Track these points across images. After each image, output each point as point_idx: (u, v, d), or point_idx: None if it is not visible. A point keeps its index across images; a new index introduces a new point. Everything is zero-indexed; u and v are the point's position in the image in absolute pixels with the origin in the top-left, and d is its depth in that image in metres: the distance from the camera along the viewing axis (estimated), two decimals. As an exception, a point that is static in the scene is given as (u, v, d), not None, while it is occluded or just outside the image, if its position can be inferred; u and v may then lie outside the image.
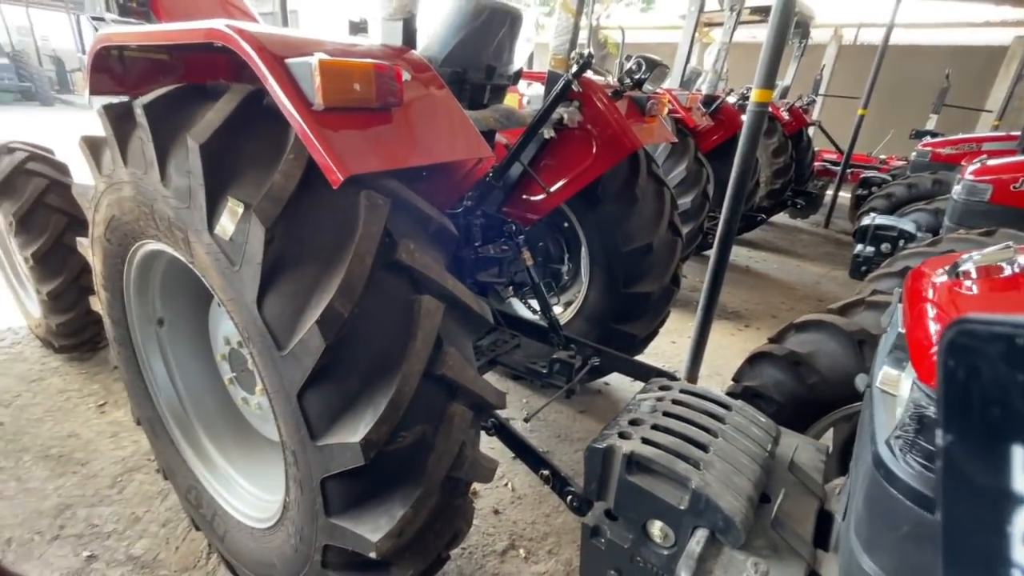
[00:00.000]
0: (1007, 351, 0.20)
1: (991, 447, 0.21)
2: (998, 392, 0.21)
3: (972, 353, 0.21)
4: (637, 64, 2.04)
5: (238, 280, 1.05)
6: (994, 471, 0.21)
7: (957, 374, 0.21)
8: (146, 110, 1.13)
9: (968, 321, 0.21)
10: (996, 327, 0.21)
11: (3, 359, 2.95)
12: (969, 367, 0.21)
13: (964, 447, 0.22)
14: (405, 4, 1.32)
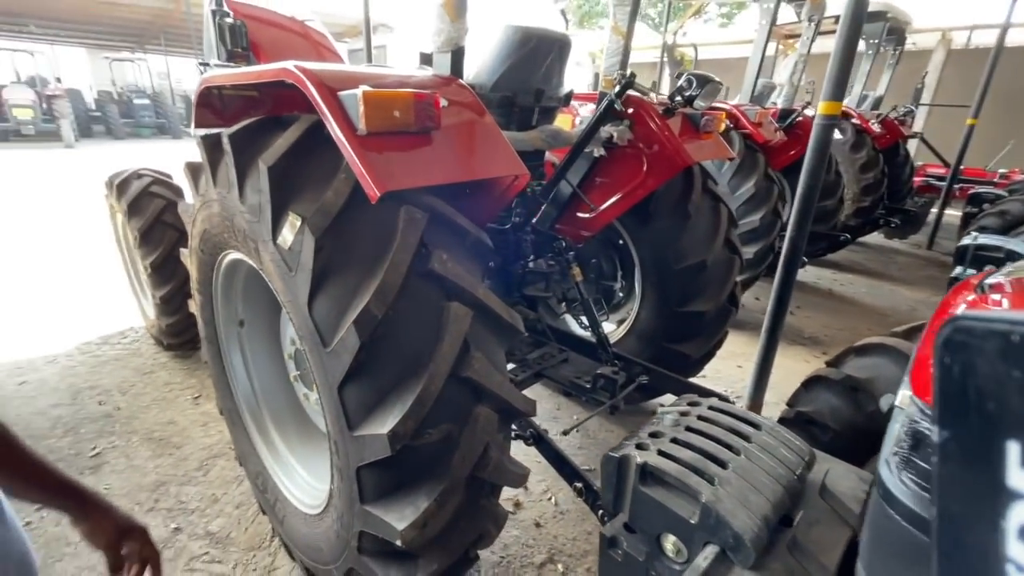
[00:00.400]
0: (1002, 348, 0.20)
1: (986, 443, 0.21)
2: (993, 388, 0.21)
3: (968, 350, 0.21)
4: (688, 81, 2.04)
5: (294, 284, 1.20)
6: (989, 466, 0.21)
7: (953, 371, 0.21)
8: (230, 139, 1.33)
9: (964, 319, 0.21)
10: (991, 324, 0.21)
11: (125, 353, 3.44)
12: (965, 364, 0.21)
13: (960, 443, 0.22)
14: (453, 38, 1.45)
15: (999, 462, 0.21)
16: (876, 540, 0.65)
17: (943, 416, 0.22)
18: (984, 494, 0.21)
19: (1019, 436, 0.20)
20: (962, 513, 0.22)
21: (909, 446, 0.59)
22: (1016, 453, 0.20)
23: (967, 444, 0.22)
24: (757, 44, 4.00)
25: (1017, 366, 0.20)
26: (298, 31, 3.48)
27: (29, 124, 13.69)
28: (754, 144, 3.83)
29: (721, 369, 3.61)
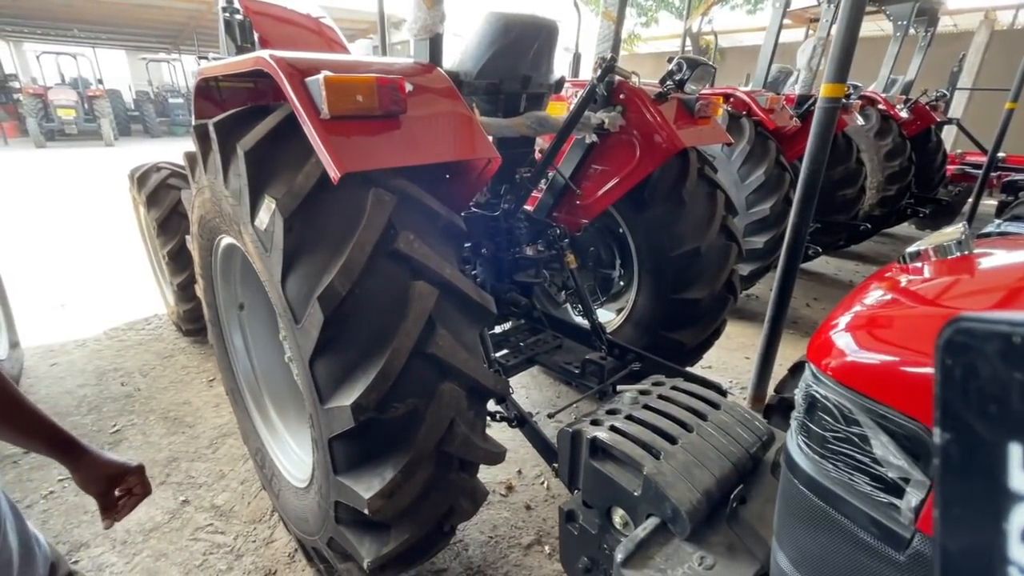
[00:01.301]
0: (1004, 349, 0.20)
1: (988, 445, 0.21)
2: (995, 390, 0.21)
3: (969, 352, 0.21)
4: (678, 65, 2.01)
5: (270, 263, 1.26)
6: (991, 469, 0.21)
7: (954, 373, 0.21)
8: (215, 127, 1.40)
9: (965, 320, 0.21)
10: (993, 325, 0.20)
11: (148, 338, 3.62)
12: (966, 366, 0.21)
13: (961, 445, 0.22)
14: (428, 26, 1.47)
15: (1001, 465, 0.21)
16: (783, 508, 0.66)
17: (944, 418, 0.22)
18: (986, 497, 0.21)
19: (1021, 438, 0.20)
20: (964, 516, 0.22)
21: (804, 411, 0.60)
22: (1018, 455, 0.20)
23: (969, 447, 0.22)
24: (770, 29, 3.89)
25: (1019, 368, 0.20)
26: (311, 27, 3.56)
27: (72, 123, 14.38)
28: (765, 131, 3.74)
29: (728, 360, 3.56)
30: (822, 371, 0.57)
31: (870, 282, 0.76)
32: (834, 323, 0.62)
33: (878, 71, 6.00)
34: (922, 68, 6.14)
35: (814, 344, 0.61)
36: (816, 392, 0.57)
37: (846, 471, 0.55)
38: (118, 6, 14.79)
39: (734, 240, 2.42)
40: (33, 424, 0.87)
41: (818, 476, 0.58)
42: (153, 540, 2.00)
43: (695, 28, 12.59)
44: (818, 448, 0.58)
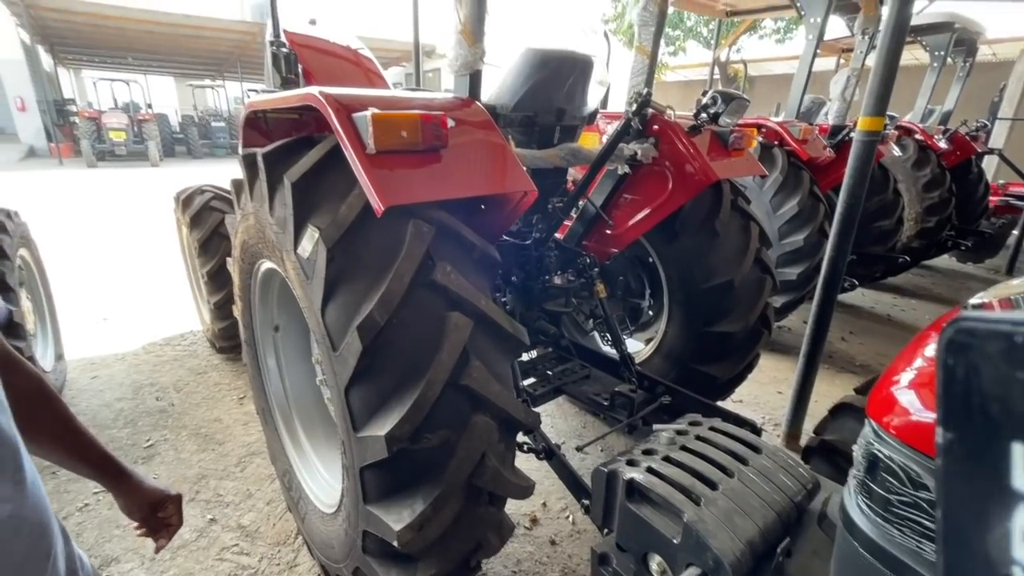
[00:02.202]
0: (1006, 349, 0.20)
1: (991, 445, 0.21)
2: (997, 390, 0.20)
3: (971, 351, 0.21)
4: (712, 99, 2.02)
5: (311, 291, 1.29)
6: (994, 469, 0.21)
7: (956, 372, 0.21)
8: (264, 158, 1.46)
9: (967, 319, 0.21)
10: (995, 325, 0.20)
11: (183, 354, 3.72)
12: (968, 365, 0.21)
13: (963, 445, 0.22)
14: (470, 62, 1.52)
15: (1004, 464, 0.21)
16: (839, 570, 0.62)
17: (947, 418, 0.22)
18: (989, 496, 0.21)
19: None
20: (967, 516, 0.22)
21: (864, 469, 0.57)
22: (1021, 455, 0.20)
23: (971, 446, 0.22)
24: (804, 60, 3.88)
25: (1021, 367, 0.20)
26: (350, 58, 3.71)
27: (122, 145, 15.19)
28: (799, 162, 3.69)
29: (760, 395, 3.45)
30: (885, 429, 0.55)
31: (930, 333, 0.73)
32: (895, 379, 0.60)
33: (913, 101, 5.90)
34: (961, 98, 6.01)
35: (874, 400, 0.59)
36: (879, 451, 0.55)
37: (913, 537, 0.52)
38: (171, 36, 15.76)
39: (769, 273, 2.38)
40: (86, 449, 0.89)
41: (881, 540, 0.56)
42: (180, 558, 2.02)
43: (723, 57, 12.66)
44: (881, 511, 0.56)
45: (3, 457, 0.66)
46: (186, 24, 14.77)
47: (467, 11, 1.47)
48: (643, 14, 2.07)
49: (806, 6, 3.79)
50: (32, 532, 0.69)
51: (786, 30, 14.33)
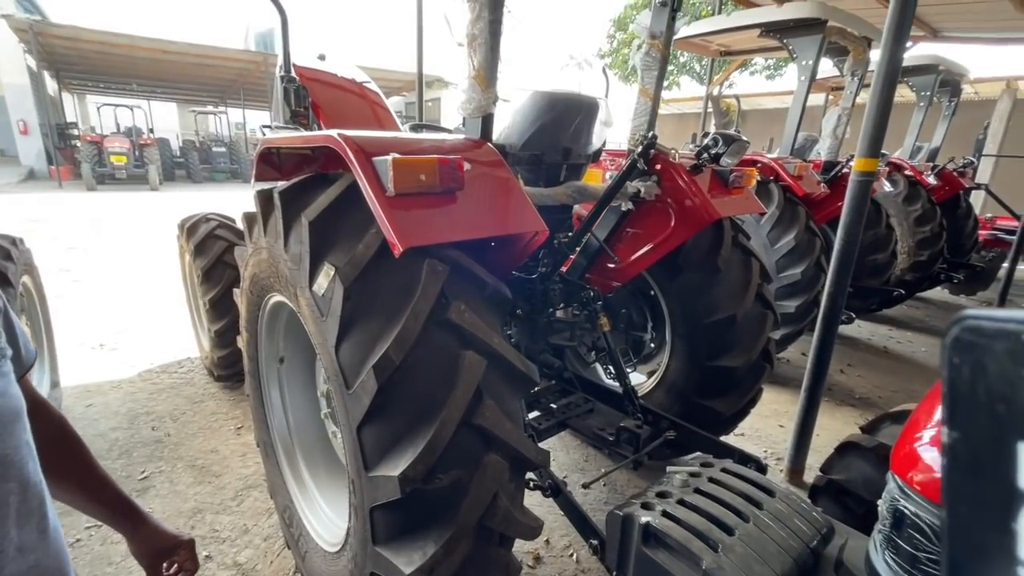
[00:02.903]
0: (1013, 347, 0.20)
1: (996, 444, 0.21)
2: (1004, 388, 0.20)
3: (977, 350, 0.21)
4: (714, 140, 2.09)
5: (325, 328, 1.30)
6: (999, 468, 0.21)
7: (962, 371, 0.21)
8: (280, 194, 1.49)
9: (973, 317, 0.21)
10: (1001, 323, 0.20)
11: (180, 382, 3.68)
12: (974, 364, 0.21)
13: (969, 444, 0.21)
14: (483, 106, 1.57)
15: (1009, 464, 0.20)
16: (867, 623, 0.63)
17: (952, 418, 0.22)
18: (994, 496, 0.21)
19: None
20: (972, 516, 0.22)
21: (890, 525, 0.58)
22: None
23: (976, 446, 0.21)
24: (796, 100, 4.02)
25: None
26: (356, 91, 3.80)
27: (122, 169, 15.30)
28: (794, 197, 3.78)
29: (761, 428, 3.44)
30: (909, 486, 0.56)
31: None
32: (917, 435, 0.62)
33: (902, 137, 6.08)
34: (947, 135, 6.21)
35: (898, 455, 0.61)
36: (904, 508, 0.56)
37: (941, 595, 0.53)
38: (177, 64, 16.09)
39: (770, 308, 2.41)
40: (104, 491, 0.89)
41: (908, 597, 0.56)
42: None
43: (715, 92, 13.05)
44: (908, 567, 0.57)
45: (31, 506, 0.65)
46: (192, 52, 15.10)
47: (481, 58, 1.53)
48: (646, 59, 2.15)
49: (798, 49, 3.95)
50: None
51: (776, 67, 14.82)
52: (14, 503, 0.62)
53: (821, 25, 3.77)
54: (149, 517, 0.94)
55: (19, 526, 0.62)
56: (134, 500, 0.93)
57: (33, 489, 0.66)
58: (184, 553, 0.96)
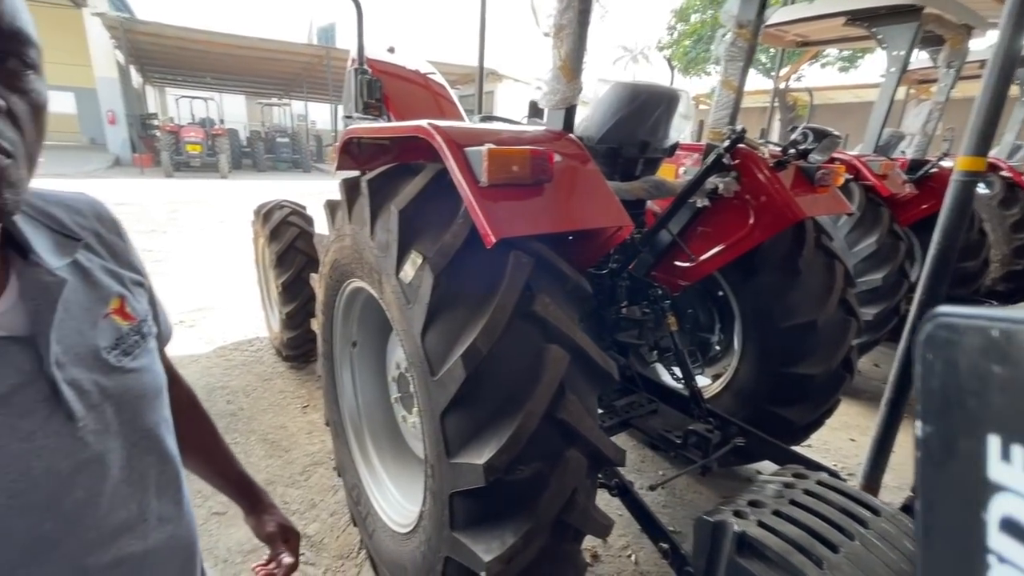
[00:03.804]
0: (983, 343, 0.21)
1: (968, 437, 0.22)
2: (974, 383, 0.21)
3: (949, 346, 0.21)
4: (803, 135, 1.98)
5: (410, 315, 1.33)
6: (970, 460, 0.21)
7: (935, 366, 0.22)
8: (368, 183, 1.53)
9: (945, 315, 0.22)
10: (972, 320, 0.21)
11: (250, 360, 3.89)
12: (946, 359, 0.22)
13: (941, 437, 0.23)
14: (568, 98, 1.55)
15: (980, 456, 0.21)
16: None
17: (925, 411, 0.22)
18: (966, 487, 0.21)
19: (999, 430, 0.20)
20: (945, 506, 0.22)
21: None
22: (996, 446, 0.20)
23: (949, 438, 0.22)
24: (884, 92, 3.75)
25: (997, 361, 0.20)
26: (420, 83, 3.87)
27: (196, 157, 16.30)
28: (877, 197, 3.54)
29: (830, 440, 3.27)
30: None
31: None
32: None
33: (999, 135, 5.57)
34: (1054, 134, 5.64)
35: None
36: None
37: None
38: (247, 58, 16.94)
39: (853, 315, 2.27)
40: (228, 465, 0.94)
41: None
42: (252, 561, 2.08)
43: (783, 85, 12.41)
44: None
45: (168, 477, 0.69)
46: (261, 47, 15.84)
47: (568, 48, 1.51)
48: (731, 49, 2.06)
49: (888, 38, 3.68)
50: (185, 551, 0.71)
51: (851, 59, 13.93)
52: (154, 475, 0.66)
53: (917, 12, 3.49)
54: (266, 497, 0.99)
55: (158, 497, 0.66)
56: (254, 479, 0.98)
57: (171, 463, 0.70)
58: (289, 544, 0.98)
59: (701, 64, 15.39)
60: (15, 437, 0.51)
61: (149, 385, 0.66)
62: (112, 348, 0.62)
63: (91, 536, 0.57)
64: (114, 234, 0.73)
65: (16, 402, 0.51)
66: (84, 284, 0.63)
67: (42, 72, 0.52)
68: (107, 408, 0.59)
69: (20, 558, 0.51)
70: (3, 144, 0.47)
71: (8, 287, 0.55)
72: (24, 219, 0.59)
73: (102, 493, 0.58)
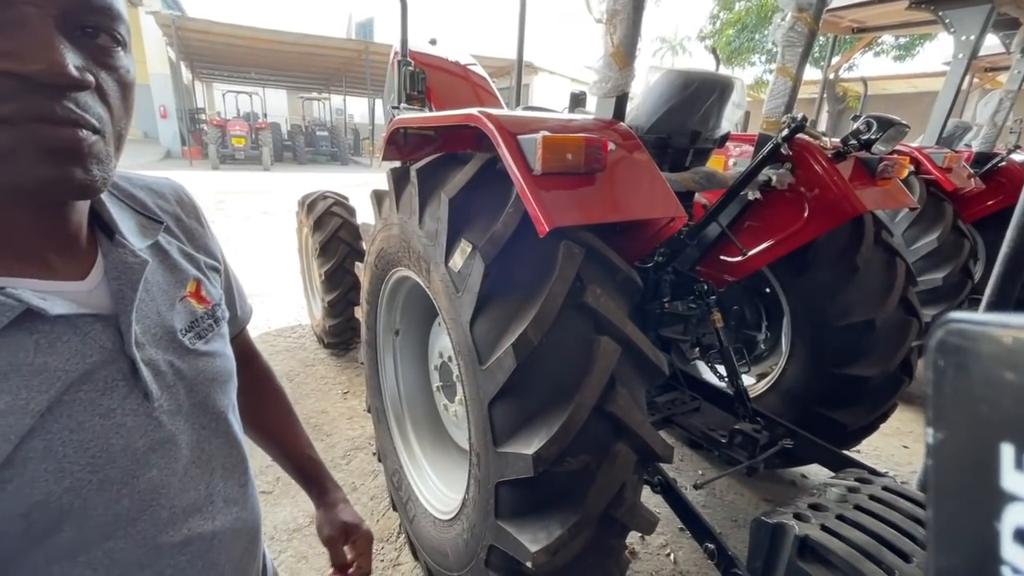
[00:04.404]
0: (996, 350, 0.20)
1: (980, 445, 0.21)
2: (987, 391, 0.21)
3: (961, 352, 0.21)
4: (866, 124, 1.87)
5: (459, 304, 1.33)
6: (983, 469, 0.21)
7: (947, 373, 0.22)
8: (417, 172, 1.53)
9: (958, 320, 0.21)
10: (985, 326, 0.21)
11: (293, 346, 4.02)
12: (958, 366, 0.21)
13: (953, 446, 0.22)
14: (620, 85, 1.52)
15: (993, 465, 0.20)
16: None
17: (937, 419, 0.22)
18: (978, 497, 0.21)
19: (1013, 438, 0.20)
20: (957, 516, 0.22)
21: None
22: (1010, 455, 0.20)
23: (961, 447, 0.22)
24: (950, 80, 3.52)
25: (1010, 368, 0.19)
26: (460, 74, 3.87)
27: (241, 150, 16.89)
28: (940, 192, 3.34)
29: (881, 446, 3.12)
30: None
31: None
32: None
33: None
34: None
35: None
36: None
37: None
38: (290, 54, 17.38)
39: (915, 315, 2.15)
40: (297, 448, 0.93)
41: None
42: (296, 541, 2.15)
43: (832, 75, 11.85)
44: None
45: (235, 461, 0.69)
46: (304, 43, 16.22)
47: (621, 34, 1.47)
48: (789, 34, 1.97)
49: (957, 22, 3.45)
50: (249, 534, 0.71)
51: (908, 47, 13.18)
52: (220, 458, 0.66)
53: (991, -7, 3.26)
54: (335, 490, 0.95)
55: (225, 480, 0.66)
56: (325, 468, 0.96)
57: (237, 447, 0.70)
58: (361, 543, 0.92)
59: (745, 54, 14.86)
60: (96, 413, 0.52)
61: (220, 369, 0.67)
62: (187, 331, 0.63)
63: (164, 515, 0.58)
64: (193, 219, 0.74)
65: (98, 379, 0.52)
66: (163, 266, 0.64)
67: (130, 49, 0.53)
68: (180, 389, 0.60)
69: (100, 533, 0.52)
70: (92, 120, 0.47)
71: (95, 266, 0.56)
72: (111, 200, 0.61)
73: (174, 473, 0.59)
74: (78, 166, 0.47)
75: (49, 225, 0.53)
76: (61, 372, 0.49)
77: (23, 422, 0.47)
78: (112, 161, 0.51)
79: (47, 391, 0.48)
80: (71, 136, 0.46)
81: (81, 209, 0.56)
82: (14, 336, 0.47)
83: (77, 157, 0.46)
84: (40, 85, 0.43)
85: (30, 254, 0.51)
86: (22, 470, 0.47)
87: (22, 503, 0.47)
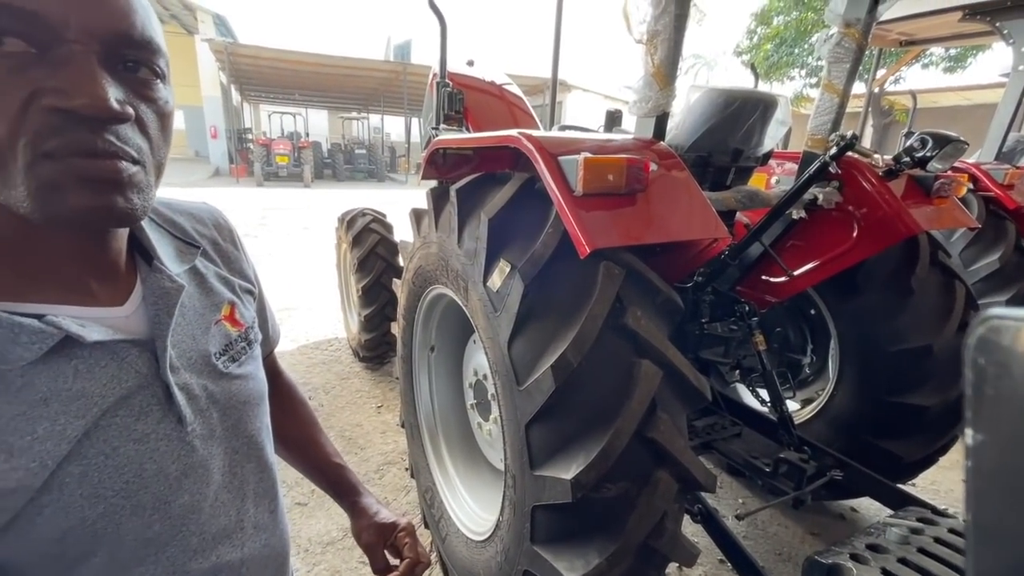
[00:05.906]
0: None
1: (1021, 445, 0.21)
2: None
3: (1002, 350, 0.21)
4: (921, 141, 1.79)
5: (497, 324, 1.33)
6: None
7: (986, 371, 0.21)
8: (457, 192, 1.56)
9: (998, 317, 0.21)
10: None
11: (329, 359, 4.10)
12: (999, 364, 0.21)
13: (994, 445, 0.22)
14: (661, 105, 1.51)
15: None
16: None
17: (976, 418, 0.21)
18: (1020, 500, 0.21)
19: None
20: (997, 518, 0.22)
21: None
22: None
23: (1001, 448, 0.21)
24: (1010, 93, 3.34)
25: None
26: (496, 94, 3.94)
27: (284, 168, 17.61)
28: (1001, 210, 3.16)
29: (939, 480, 2.92)
30: None
31: None
32: None
33: None
34: None
35: None
36: None
37: None
38: (332, 76, 18.13)
39: (977, 341, 2.02)
40: (324, 460, 0.94)
41: None
42: (329, 554, 2.17)
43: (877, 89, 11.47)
44: None
45: (266, 486, 0.69)
46: (344, 65, 16.91)
47: (663, 54, 1.47)
48: (836, 50, 1.91)
49: (1016, 33, 3.29)
50: (277, 560, 0.70)
51: (960, 58, 12.65)
52: (252, 483, 0.66)
53: (1053, 2, 3.10)
54: (366, 496, 0.94)
55: (256, 505, 0.66)
56: (355, 477, 0.95)
57: (269, 471, 0.70)
58: (403, 536, 0.90)
59: (784, 69, 14.57)
60: (131, 439, 0.52)
61: (253, 392, 0.67)
62: (221, 354, 0.64)
63: (193, 541, 0.58)
64: (229, 243, 0.76)
65: (133, 404, 0.53)
66: (199, 290, 0.65)
67: (169, 81, 0.54)
68: (213, 413, 0.61)
69: (131, 559, 0.53)
70: (131, 152, 0.48)
71: (134, 291, 0.57)
72: (151, 226, 0.63)
73: (205, 498, 0.59)
74: (119, 195, 0.48)
75: (90, 253, 0.54)
76: (98, 398, 0.50)
77: (61, 448, 0.47)
78: (152, 190, 0.52)
79: (84, 416, 0.49)
80: (112, 167, 0.47)
81: (121, 236, 0.57)
82: (54, 362, 0.48)
83: (118, 187, 0.48)
84: (83, 119, 0.44)
85: (72, 281, 0.53)
86: (59, 495, 0.47)
87: (58, 528, 0.48)
